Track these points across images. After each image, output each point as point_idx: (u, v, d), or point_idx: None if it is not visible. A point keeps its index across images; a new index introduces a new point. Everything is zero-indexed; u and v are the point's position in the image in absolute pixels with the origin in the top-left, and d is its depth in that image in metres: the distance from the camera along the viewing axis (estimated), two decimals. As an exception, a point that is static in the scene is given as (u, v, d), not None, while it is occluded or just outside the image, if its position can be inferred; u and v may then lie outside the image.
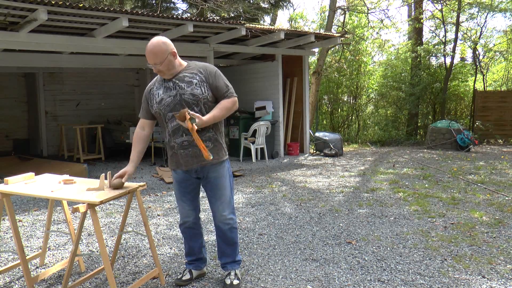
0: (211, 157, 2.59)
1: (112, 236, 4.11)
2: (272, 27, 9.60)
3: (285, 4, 13.45)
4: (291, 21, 19.52)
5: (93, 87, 11.13)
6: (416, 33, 15.19)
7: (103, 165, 8.66)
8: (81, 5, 5.54)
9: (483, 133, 12.13)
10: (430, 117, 14.68)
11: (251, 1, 12.75)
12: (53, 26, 6.33)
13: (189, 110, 2.58)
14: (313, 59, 15.78)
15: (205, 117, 2.64)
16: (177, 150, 2.75)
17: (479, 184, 6.32)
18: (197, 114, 2.60)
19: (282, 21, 27.31)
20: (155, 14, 6.41)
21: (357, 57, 16.43)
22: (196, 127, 2.56)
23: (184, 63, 2.81)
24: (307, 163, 8.90)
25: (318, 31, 11.50)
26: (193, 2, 10.70)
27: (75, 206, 2.34)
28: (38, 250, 3.65)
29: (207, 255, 3.54)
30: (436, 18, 15.07)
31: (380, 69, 17.48)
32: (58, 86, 10.63)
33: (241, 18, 10.69)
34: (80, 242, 3.79)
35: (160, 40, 2.70)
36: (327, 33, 10.10)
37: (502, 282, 3.00)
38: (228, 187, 2.87)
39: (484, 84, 15.23)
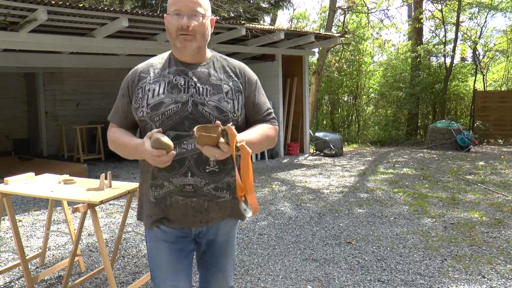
0: (249, 214, 1.52)
1: (112, 236, 4.11)
2: (272, 27, 9.60)
3: (285, 4, 13.45)
4: (292, 21, 19.53)
5: (93, 87, 11.12)
6: (416, 33, 15.20)
7: (103, 165, 8.66)
8: (81, 5, 5.54)
9: (483, 133, 12.13)
10: (430, 117, 14.70)
11: (251, 1, 12.75)
12: (53, 26, 6.33)
13: (217, 124, 1.43)
14: (313, 59, 15.79)
15: (246, 137, 1.49)
16: (171, 195, 1.60)
17: (479, 184, 6.32)
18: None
19: (282, 21, 27.31)
20: (155, 14, 6.40)
21: (358, 57, 16.45)
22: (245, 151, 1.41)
23: (207, 51, 1.70)
24: (307, 163, 8.89)
25: (318, 31, 11.50)
26: (193, 2, 10.67)
27: (75, 206, 2.34)
28: (38, 250, 3.65)
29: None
30: (436, 18, 15.08)
31: (381, 69, 17.51)
32: (58, 86, 10.63)
33: (241, 18, 10.69)
34: (80, 242, 3.79)
35: None
36: (327, 33, 10.09)
37: (502, 282, 3.00)
38: (234, 252, 1.90)
39: (484, 84, 15.24)
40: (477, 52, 14.81)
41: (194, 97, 1.57)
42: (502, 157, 9.33)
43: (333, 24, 14.35)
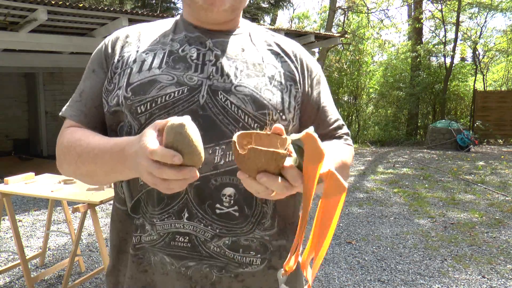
0: None
1: (112, 236, 4.11)
2: (272, 27, 9.60)
3: (285, 4, 13.47)
4: (292, 21, 19.55)
5: (93, 87, 11.13)
6: (416, 33, 15.21)
7: (103, 165, 8.66)
8: (81, 5, 5.55)
9: (483, 133, 12.13)
10: (430, 117, 14.71)
11: (251, 1, 12.75)
12: (53, 26, 6.33)
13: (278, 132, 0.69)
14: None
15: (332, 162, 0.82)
16: (153, 251, 0.88)
17: (479, 184, 6.32)
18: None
19: (282, 21, 27.37)
20: (155, 14, 6.41)
21: (358, 57, 16.47)
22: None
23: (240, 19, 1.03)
24: (307, 163, 8.89)
25: (318, 31, 11.51)
26: (193, 2, 10.69)
27: (75, 206, 2.34)
28: (38, 250, 3.65)
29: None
30: (436, 18, 15.10)
31: (381, 69, 17.52)
32: (58, 86, 10.62)
33: (241, 18, 10.69)
34: (80, 242, 3.79)
35: None
36: (327, 33, 10.10)
37: (502, 282, 3.00)
38: None
39: (484, 84, 15.25)
40: (477, 52, 14.83)
41: (213, 79, 0.86)
42: (502, 157, 9.33)
43: (333, 24, 14.36)
